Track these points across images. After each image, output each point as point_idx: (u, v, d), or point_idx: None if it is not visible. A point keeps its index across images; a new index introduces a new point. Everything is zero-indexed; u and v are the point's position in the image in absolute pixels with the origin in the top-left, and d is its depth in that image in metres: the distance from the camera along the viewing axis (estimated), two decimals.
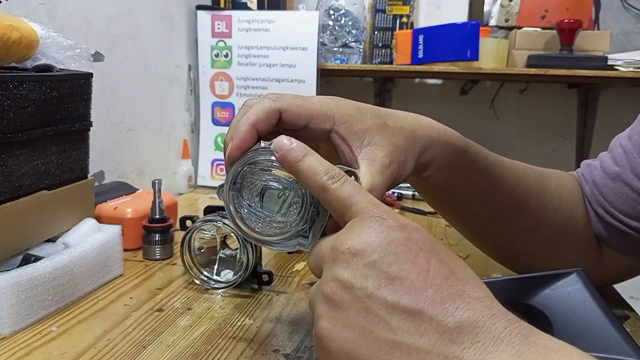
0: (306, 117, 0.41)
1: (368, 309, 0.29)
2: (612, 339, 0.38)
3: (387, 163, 0.40)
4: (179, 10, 1.16)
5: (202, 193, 1.18)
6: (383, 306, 0.29)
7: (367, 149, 0.40)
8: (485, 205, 0.53)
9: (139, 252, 0.70)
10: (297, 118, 0.41)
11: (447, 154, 0.47)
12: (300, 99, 0.41)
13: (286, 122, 0.41)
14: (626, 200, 0.52)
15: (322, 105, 0.41)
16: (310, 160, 0.35)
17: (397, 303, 0.29)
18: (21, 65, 0.56)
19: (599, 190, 0.54)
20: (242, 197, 0.40)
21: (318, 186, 0.34)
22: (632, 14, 1.50)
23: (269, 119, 0.40)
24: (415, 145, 0.44)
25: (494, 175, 0.51)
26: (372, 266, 0.30)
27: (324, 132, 0.41)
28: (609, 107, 1.52)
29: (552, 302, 0.41)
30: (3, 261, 0.53)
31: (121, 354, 0.45)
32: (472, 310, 0.28)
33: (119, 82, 0.94)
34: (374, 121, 0.42)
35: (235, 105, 1.22)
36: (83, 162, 0.63)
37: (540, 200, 0.54)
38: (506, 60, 1.30)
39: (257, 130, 0.40)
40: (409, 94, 1.59)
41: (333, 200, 0.34)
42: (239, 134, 0.39)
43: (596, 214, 0.55)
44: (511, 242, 0.56)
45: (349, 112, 0.42)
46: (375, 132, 0.41)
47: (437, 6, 1.31)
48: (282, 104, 0.40)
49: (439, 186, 0.50)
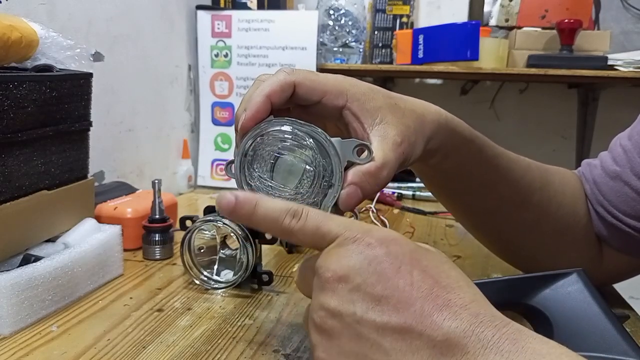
0: (320, 92, 0.40)
1: (359, 334, 0.29)
2: (612, 339, 0.38)
3: (399, 141, 0.40)
4: (179, 10, 1.16)
5: (202, 193, 1.18)
6: (373, 329, 0.29)
7: (379, 127, 0.40)
8: (489, 196, 0.53)
9: (139, 252, 0.70)
10: (311, 92, 0.40)
11: (455, 142, 0.47)
12: (314, 75, 0.41)
13: (300, 96, 0.40)
14: (626, 199, 0.52)
15: (336, 82, 0.41)
16: (263, 208, 0.34)
17: (386, 324, 0.29)
18: (21, 65, 0.56)
19: (599, 190, 0.54)
20: (253, 169, 0.40)
21: (283, 231, 0.34)
22: (632, 14, 1.50)
23: (283, 92, 0.39)
24: (424, 129, 0.44)
25: (499, 167, 0.51)
26: (357, 290, 0.30)
27: (337, 108, 0.41)
28: (609, 107, 1.52)
29: (552, 302, 0.41)
30: (3, 261, 0.53)
31: (121, 354, 0.45)
32: (460, 319, 0.28)
33: (119, 82, 0.94)
34: (386, 101, 0.42)
35: (235, 105, 1.22)
36: (83, 162, 0.63)
37: (544, 195, 0.54)
38: (506, 60, 1.30)
39: (271, 102, 0.39)
40: (409, 93, 1.58)
41: (304, 237, 0.34)
42: (252, 105, 0.39)
43: (596, 212, 0.55)
44: (514, 236, 0.57)
45: (362, 90, 0.42)
46: (387, 111, 0.41)
47: (437, 6, 1.31)
48: (296, 77, 0.40)
49: (446, 174, 0.50)
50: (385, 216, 0.83)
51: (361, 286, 0.30)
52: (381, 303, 0.29)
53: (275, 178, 0.40)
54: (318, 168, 0.38)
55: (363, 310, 0.29)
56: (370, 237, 0.31)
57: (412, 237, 0.80)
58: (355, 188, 0.38)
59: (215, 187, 1.22)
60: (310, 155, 0.38)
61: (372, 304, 0.29)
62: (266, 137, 0.39)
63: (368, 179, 0.39)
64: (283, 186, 0.39)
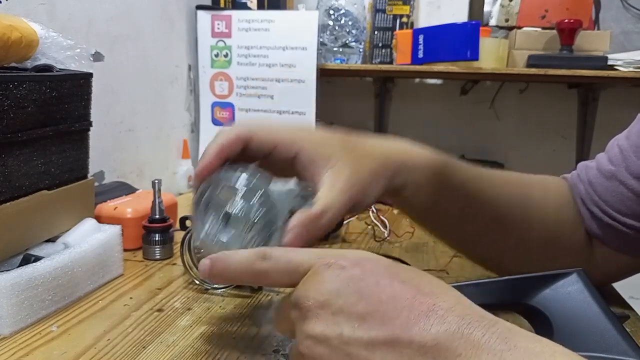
0: (272, 144, 0.43)
1: (349, 355, 0.29)
2: (612, 339, 0.38)
3: (348, 187, 0.42)
4: (179, 10, 1.16)
5: None
6: (362, 346, 0.29)
7: (329, 173, 0.42)
8: (468, 222, 0.54)
9: (139, 252, 0.70)
10: (262, 145, 0.43)
11: (423, 177, 0.47)
12: (266, 127, 0.44)
13: (253, 147, 0.43)
14: (621, 199, 0.52)
15: (288, 132, 0.43)
16: (234, 259, 0.36)
17: (374, 339, 0.29)
18: (21, 65, 0.56)
19: (594, 190, 0.54)
20: (207, 217, 0.42)
21: (257, 275, 0.35)
22: (632, 14, 1.50)
23: (235, 145, 0.43)
24: (384, 171, 0.45)
25: (472, 190, 0.52)
26: (340, 312, 0.30)
27: (289, 157, 0.43)
28: (609, 107, 1.52)
29: (552, 302, 0.40)
30: (3, 261, 0.53)
31: (121, 354, 0.45)
32: (447, 323, 0.28)
33: (119, 82, 0.94)
34: (339, 146, 0.43)
35: (235, 105, 1.22)
36: (83, 162, 0.63)
37: (525, 210, 0.54)
38: (506, 60, 1.30)
39: (223, 155, 0.42)
40: (409, 94, 1.59)
41: (278, 275, 0.34)
42: (206, 157, 0.42)
43: (592, 213, 0.55)
44: (500, 256, 0.57)
45: (313, 138, 0.43)
46: (339, 157, 0.42)
47: (437, 6, 1.31)
48: (249, 131, 0.43)
49: (420, 207, 0.51)
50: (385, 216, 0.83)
51: (344, 307, 0.30)
52: (366, 320, 0.29)
53: (229, 224, 0.41)
54: (262, 214, 0.40)
55: (349, 329, 0.29)
56: (344, 260, 0.32)
57: (412, 237, 0.80)
58: (298, 232, 0.39)
59: None
60: (256, 201, 0.40)
61: (358, 322, 0.29)
62: (216, 186, 0.42)
63: (309, 224, 0.39)
64: (234, 231, 0.41)
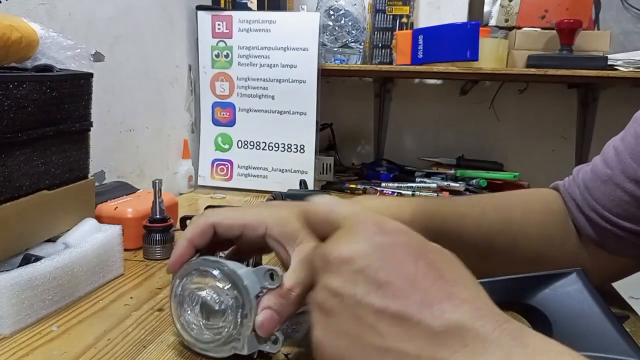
0: (239, 227, 0.44)
1: (357, 316, 0.30)
2: (612, 339, 0.38)
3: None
4: (179, 10, 1.16)
5: (202, 193, 1.18)
6: (372, 312, 0.29)
7: (298, 248, 0.42)
8: None
9: (139, 252, 0.70)
10: (230, 229, 0.45)
11: None
12: (232, 212, 0.45)
13: (222, 233, 0.45)
14: (618, 202, 0.51)
15: (254, 214, 0.45)
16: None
17: (385, 308, 0.29)
18: (21, 65, 0.56)
19: (590, 194, 0.54)
20: (184, 308, 0.43)
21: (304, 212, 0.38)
22: (632, 14, 1.50)
23: (204, 234, 0.44)
24: None
25: (451, 232, 0.53)
26: (360, 273, 0.30)
27: (260, 237, 0.44)
28: (609, 107, 1.52)
29: (552, 302, 0.40)
30: (3, 261, 0.53)
31: (121, 353, 0.45)
32: (460, 312, 0.28)
33: (119, 82, 0.94)
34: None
35: (235, 105, 1.22)
36: (83, 162, 0.63)
37: (507, 236, 0.55)
38: (506, 60, 1.30)
39: (194, 245, 0.44)
40: (409, 94, 1.59)
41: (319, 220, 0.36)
42: (176, 250, 0.44)
43: (588, 218, 0.54)
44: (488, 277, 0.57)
45: (281, 215, 0.44)
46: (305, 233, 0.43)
47: (437, 6, 1.31)
48: (215, 219, 0.45)
49: None
50: None
51: (364, 270, 0.30)
52: (382, 288, 0.29)
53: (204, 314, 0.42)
54: (231, 301, 0.40)
55: (364, 292, 0.30)
56: (380, 226, 0.32)
57: None
58: (270, 312, 0.40)
59: (215, 187, 1.22)
60: (224, 290, 0.41)
61: (373, 287, 0.30)
62: (187, 278, 0.43)
63: (279, 301, 0.40)
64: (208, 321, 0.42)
